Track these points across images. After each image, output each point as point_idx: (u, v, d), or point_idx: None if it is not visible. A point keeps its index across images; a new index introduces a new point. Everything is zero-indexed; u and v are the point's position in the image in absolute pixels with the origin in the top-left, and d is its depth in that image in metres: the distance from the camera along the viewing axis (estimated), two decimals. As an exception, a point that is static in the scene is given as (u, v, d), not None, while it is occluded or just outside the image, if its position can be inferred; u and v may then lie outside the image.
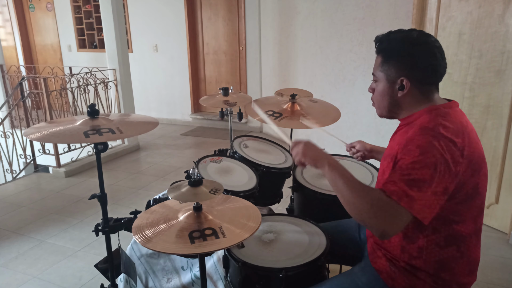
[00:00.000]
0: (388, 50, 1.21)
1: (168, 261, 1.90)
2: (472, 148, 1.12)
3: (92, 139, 1.47)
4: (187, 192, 1.24)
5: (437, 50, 1.16)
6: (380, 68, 1.22)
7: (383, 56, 1.22)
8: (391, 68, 1.19)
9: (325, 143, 4.10)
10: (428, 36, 1.19)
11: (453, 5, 2.89)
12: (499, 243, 2.75)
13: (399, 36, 1.20)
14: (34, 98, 4.89)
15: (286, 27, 4.96)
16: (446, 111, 1.16)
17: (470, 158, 1.10)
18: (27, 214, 3.43)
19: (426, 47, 1.16)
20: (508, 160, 2.74)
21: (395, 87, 1.20)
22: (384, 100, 1.25)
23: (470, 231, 1.18)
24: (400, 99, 1.21)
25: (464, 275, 1.20)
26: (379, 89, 1.25)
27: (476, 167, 1.12)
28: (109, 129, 1.54)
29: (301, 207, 1.92)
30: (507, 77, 2.65)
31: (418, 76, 1.17)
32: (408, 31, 1.20)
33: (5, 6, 7.59)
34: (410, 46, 1.17)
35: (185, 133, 6.09)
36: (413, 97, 1.20)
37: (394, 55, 1.19)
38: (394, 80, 1.20)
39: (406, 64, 1.17)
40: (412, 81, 1.17)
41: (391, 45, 1.20)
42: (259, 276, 1.32)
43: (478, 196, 1.16)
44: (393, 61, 1.19)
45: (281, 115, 1.98)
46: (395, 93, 1.21)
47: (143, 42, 6.59)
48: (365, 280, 1.29)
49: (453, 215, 1.14)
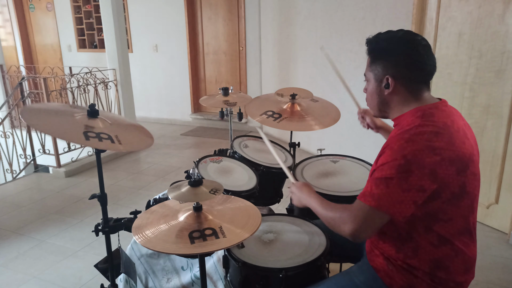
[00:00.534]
0: (375, 50, 1.25)
1: (168, 261, 1.90)
2: (455, 148, 1.12)
3: (92, 143, 1.43)
4: (187, 192, 1.24)
5: (422, 48, 1.19)
6: (369, 68, 1.28)
7: (371, 56, 1.27)
8: (377, 67, 1.24)
9: (325, 143, 4.07)
10: (413, 35, 1.22)
11: (453, 5, 2.89)
12: (499, 243, 2.75)
13: (385, 36, 1.24)
14: (34, 98, 4.89)
15: (286, 27, 4.96)
16: (431, 112, 1.18)
17: (452, 158, 1.11)
18: (27, 214, 3.43)
19: (411, 45, 1.19)
20: (508, 160, 2.73)
21: (382, 86, 1.24)
22: (373, 100, 1.29)
23: (461, 230, 1.19)
24: (387, 97, 1.25)
25: (460, 274, 1.21)
26: (369, 89, 1.30)
27: (460, 166, 1.13)
28: (109, 136, 1.49)
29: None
30: (507, 77, 2.65)
31: (403, 74, 1.20)
32: (395, 31, 1.24)
33: (5, 6, 7.58)
34: (395, 45, 1.21)
35: (185, 133, 6.09)
36: (400, 95, 1.23)
37: (380, 55, 1.24)
38: (381, 79, 1.24)
39: (391, 62, 1.21)
40: (397, 79, 1.21)
41: (378, 45, 1.25)
42: (259, 276, 1.32)
43: (466, 195, 1.17)
44: (379, 61, 1.24)
45: (280, 116, 1.96)
46: (382, 92, 1.25)
47: (143, 42, 6.59)
48: (363, 279, 1.29)
49: (441, 215, 1.15)
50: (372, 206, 1.11)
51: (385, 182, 1.10)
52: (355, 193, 1.75)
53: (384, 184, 1.10)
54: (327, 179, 1.88)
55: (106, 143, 1.45)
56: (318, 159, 2.09)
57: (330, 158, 2.09)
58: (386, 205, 1.10)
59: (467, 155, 1.15)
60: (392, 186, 1.09)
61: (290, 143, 2.18)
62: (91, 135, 1.46)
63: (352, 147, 3.86)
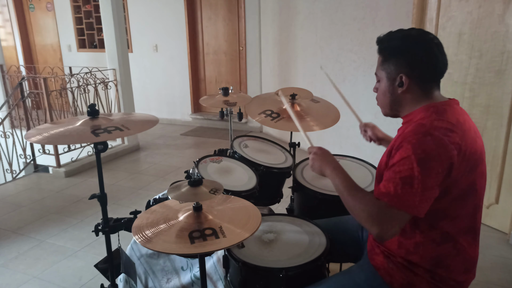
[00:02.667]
0: (387, 49, 1.24)
1: (168, 262, 1.90)
2: (468, 145, 1.13)
3: (102, 137, 1.52)
4: (187, 192, 1.24)
5: (435, 47, 1.19)
6: (381, 67, 1.26)
7: (383, 55, 1.25)
8: (390, 66, 1.23)
9: (325, 143, 4.10)
10: (426, 34, 1.22)
11: (453, 5, 2.89)
12: (499, 243, 2.75)
13: (398, 35, 1.23)
14: (34, 98, 4.89)
15: (286, 27, 4.96)
16: (444, 108, 1.18)
17: (465, 154, 1.11)
18: (27, 214, 3.43)
19: (424, 44, 1.20)
20: (508, 160, 2.73)
21: (395, 84, 1.23)
22: (386, 98, 1.28)
23: (466, 228, 1.19)
24: (400, 96, 1.24)
25: (460, 273, 1.21)
26: (381, 87, 1.29)
27: (472, 164, 1.13)
28: (116, 127, 1.59)
29: (301, 207, 1.92)
30: (507, 77, 2.65)
31: (417, 73, 1.20)
32: (408, 30, 1.24)
33: (5, 6, 7.58)
34: (408, 43, 1.21)
35: (185, 133, 6.09)
36: (413, 94, 1.22)
37: (393, 53, 1.23)
38: (394, 77, 1.23)
39: (404, 61, 1.20)
40: (411, 78, 1.20)
41: (390, 44, 1.24)
42: (259, 276, 1.32)
43: (474, 193, 1.17)
44: (392, 59, 1.23)
45: (278, 115, 1.95)
46: (395, 90, 1.24)
47: (143, 42, 6.59)
48: (364, 278, 1.30)
49: (448, 211, 1.16)
50: (398, 208, 1.09)
51: (409, 181, 1.08)
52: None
53: (409, 185, 1.08)
54: (327, 179, 1.88)
55: (116, 133, 1.55)
56: (318, 159, 2.08)
57: (330, 158, 2.08)
58: (412, 205, 1.09)
59: (478, 153, 1.16)
60: (417, 185, 1.07)
61: (290, 143, 2.18)
62: (99, 131, 1.54)
63: (352, 147, 3.86)
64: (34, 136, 1.53)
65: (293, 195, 2.00)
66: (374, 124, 1.75)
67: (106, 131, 1.54)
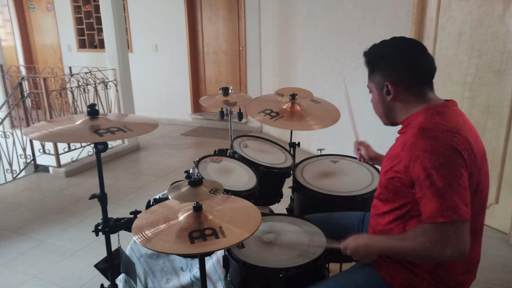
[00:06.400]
0: (371, 61, 1.28)
1: (167, 262, 1.90)
2: (472, 146, 1.13)
3: (106, 138, 1.52)
4: (187, 192, 1.24)
5: (413, 50, 1.21)
6: (370, 79, 1.31)
7: (369, 67, 1.30)
8: (376, 76, 1.27)
9: (325, 142, 4.06)
10: (404, 39, 1.25)
11: (453, 5, 2.89)
12: (499, 243, 2.75)
13: (378, 46, 1.27)
14: (34, 98, 4.90)
15: (286, 27, 4.96)
16: (442, 110, 1.18)
17: (471, 155, 1.11)
18: (27, 214, 3.43)
19: (402, 50, 1.22)
20: (508, 160, 2.73)
21: (384, 94, 1.26)
22: (379, 108, 1.32)
23: (469, 229, 1.18)
24: (391, 103, 1.27)
25: (461, 274, 1.21)
26: (373, 98, 1.32)
27: (478, 164, 1.14)
28: (118, 128, 1.60)
29: (301, 207, 1.92)
30: (507, 77, 2.65)
31: (401, 79, 1.22)
32: (387, 40, 1.27)
33: (5, 6, 7.58)
34: (387, 52, 1.24)
35: (185, 133, 6.09)
36: (403, 100, 1.24)
37: (376, 64, 1.27)
38: (381, 87, 1.26)
39: (386, 70, 1.24)
40: (395, 85, 1.22)
41: (373, 56, 1.27)
42: (259, 276, 1.32)
43: (479, 193, 1.17)
44: (376, 70, 1.27)
45: (278, 114, 1.95)
46: (385, 99, 1.27)
47: (143, 42, 6.59)
48: (364, 278, 1.29)
49: None
50: (450, 220, 1.05)
51: (447, 190, 1.05)
52: (355, 193, 1.76)
53: (449, 193, 1.05)
54: (327, 179, 1.89)
55: (119, 134, 1.56)
56: (318, 159, 2.09)
57: (330, 158, 2.09)
58: (462, 212, 1.05)
59: (481, 153, 1.17)
60: (457, 190, 1.05)
61: (290, 143, 2.18)
62: (102, 131, 1.54)
63: (352, 147, 3.85)
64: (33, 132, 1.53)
65: (293, 195, 2.01)
66: (368, 144, 1.78)
67: (109, 132, 1.55)
